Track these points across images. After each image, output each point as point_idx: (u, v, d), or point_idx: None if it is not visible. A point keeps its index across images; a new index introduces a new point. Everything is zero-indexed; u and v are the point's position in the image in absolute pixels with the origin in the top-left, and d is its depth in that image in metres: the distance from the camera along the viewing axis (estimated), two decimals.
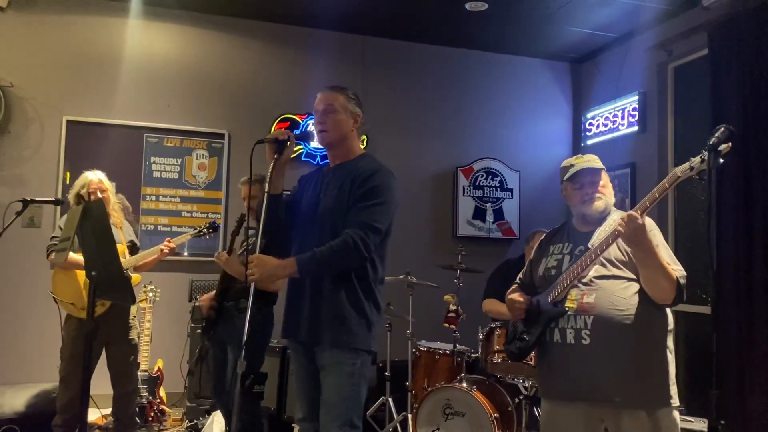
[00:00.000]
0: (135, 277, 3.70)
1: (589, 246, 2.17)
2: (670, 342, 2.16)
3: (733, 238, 3.95)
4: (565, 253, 2.29)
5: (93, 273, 2.20)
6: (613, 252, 2.14)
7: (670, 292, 2.04)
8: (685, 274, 2.06)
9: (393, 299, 4.08)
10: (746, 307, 3.89)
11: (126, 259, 3.60)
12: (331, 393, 2.25)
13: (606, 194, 2.28)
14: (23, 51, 4.76)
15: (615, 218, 2.21)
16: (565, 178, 2.35)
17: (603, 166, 2.30)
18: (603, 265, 2.15)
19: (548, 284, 2.27)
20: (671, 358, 2.15)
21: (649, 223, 2.18)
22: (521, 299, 2.34)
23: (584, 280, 2.16)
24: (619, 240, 2.11)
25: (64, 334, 3.60)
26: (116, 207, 3.79)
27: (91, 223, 2.15)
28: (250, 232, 3.38)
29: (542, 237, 4.04)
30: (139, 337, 4.24)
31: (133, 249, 3.83)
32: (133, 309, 3.81)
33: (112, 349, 3.67)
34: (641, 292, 2.11)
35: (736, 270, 3.93)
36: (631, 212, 1.96)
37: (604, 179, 2.30)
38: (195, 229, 3.77)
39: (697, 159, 1.82)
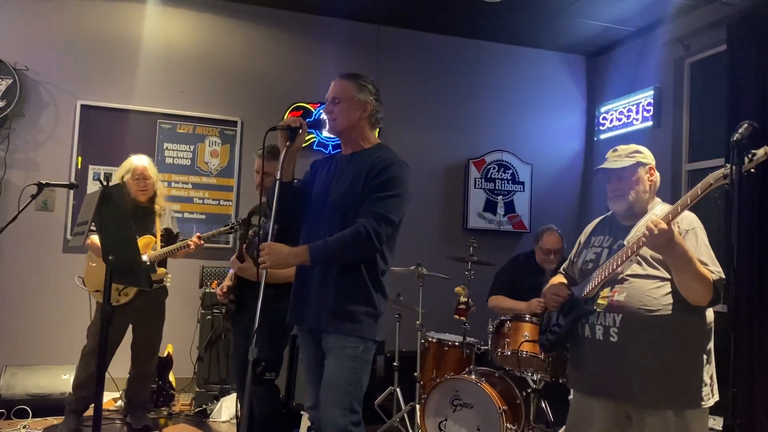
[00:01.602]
0: (160, 271, 3.71)
1: (625, 243, 2.15)
2: (709, 344, 2.12)
3: (747, 238, 3.93)
4: (604, 246, 2.27)
5: (110, 257, 2.21)
6: (651, 250, 2.08)
7: (704, 295, 1.99)
8: (723, 276, 2.01)
9: (403, 290, 4.09)
10: (758, 307, 3.88)
11: (152, 252, 3.63)
12: (332, 375, 2.26)
13: (635, 191, 2.20)
14: (39, 35, 4.76)
15: (657, 212, 2.16)
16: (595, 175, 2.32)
17: (636, 160, 2.22)
18: (639, 263, 2.12)
19: (584, 277, 2.26)
20: (708, 359, 2.11)
21: (690, 220, 2.14)
22: (560, 292, 2.31)
23: (618, 278, 2.14)
24: None
25: (95, 315, 3.68)
26: (161, 195, 3.81)
27: (110, 208, 2.15)
28: (255, 218, 3.38)
29: (553, 237, 4.02)
30: None
31: (170, 237, 3.84)
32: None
33: (139, 330, 3.73)
34: (676, 292, 2.06)
35: (749, 270, 3.91)
36: (656, 221, 1.92)
37: (639, 174, 2.21)
38: (227, 225, 3.71)
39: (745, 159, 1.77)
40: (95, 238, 3.52)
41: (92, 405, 3.12)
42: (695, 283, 1.98)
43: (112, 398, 4.25)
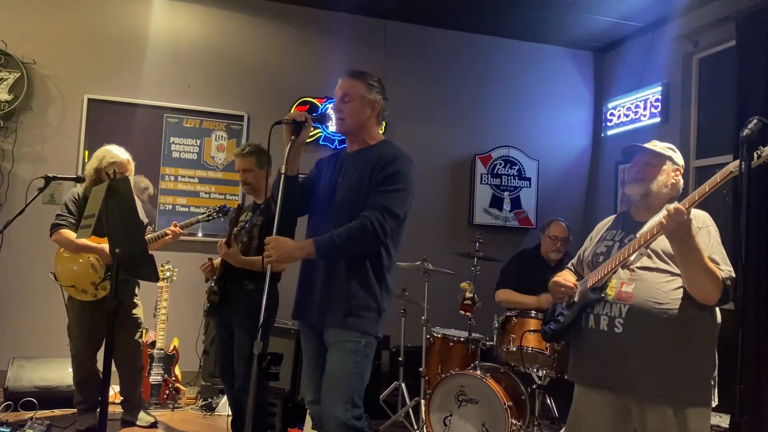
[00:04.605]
0: None
1: (637, 236, 2.14)
2: (715, 345, 2.11)
3: (755, 234, 3.90)
4: (616, 240, 2.26)
5: (117, 250, 2.21)
6: (662, 244, 2.08)
7: (712, 293, 1.97)
8: (733, 275, 1.98)
9: (409, 285, 4.09)
10: (765, 304, 3.86)
11: None
12: (333, 370, 2.27)
13: (656, 181, 2.19)
14: (46, 29, 4.77)
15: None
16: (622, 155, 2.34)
17: (669, 154, 2.23)
18: (649, 256, 2.10)
19: (594, 269, 2.26)
20: (713, 360, 2.09)
21: (703, 218, 2.13)
22: (567, 284, 2.31)
23: (627, 269, 2.13)
24: None
25: (68, 313, 3.64)
26: (135, 186, 3.81)
27: (117, 201, 2.16)
28: (245, 214, 3.39)
29: (561, 226, 4.05)
30: (155, 316, 4.30)
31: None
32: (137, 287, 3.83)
33: (116, 327, 3.66)
34: (686, 288, 2.05)
35: (756, 266, 3.89)
36: (678, 206, 1.89)
37: (666, 167, 2.21)
38: (204, 213, 3.74)
39: (753, 155, 1.74)
40: (66, 232, 3.51)
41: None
42: (704, 279, 1.96)
43: (117, 391, 4.26)
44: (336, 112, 2.40)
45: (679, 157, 2.27)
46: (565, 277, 2.39)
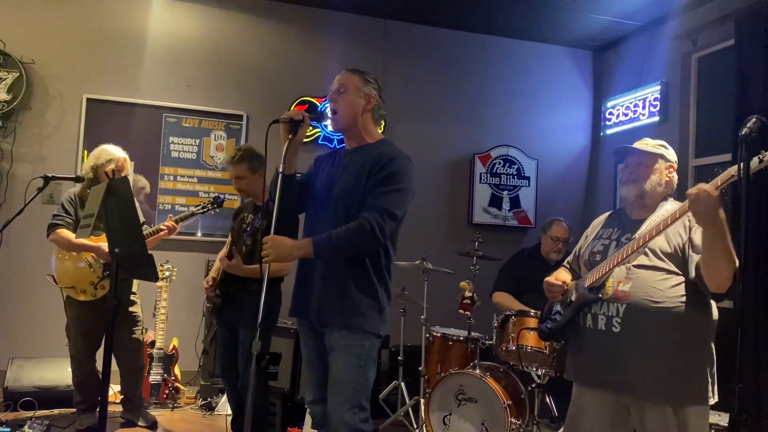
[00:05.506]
0: None
1: (635, 236, 2.13)
2: (712, 342, 2.11)
3: (754, 234, 3.91)
4: (612, 239, 2.25)
5: (116, 250, 2.21)
6: (659, 243, 2.08)
7: (728, 278, 1.90)
8: (737, 264, 1.94)
9: (408, 284, 4.09)
10: (764, 302, 3.86)
11: None
12: (339, 374, 2.26)
13: (650, 180, 2.18)
14: (45, 28, 4.77)
15: (668, 208, 2.14)
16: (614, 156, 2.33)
17: (661, 152, 2.22)
18: (646, 254, 2.10)
19: (591, 268, 2.25)
20: (710, 357, 2.09)
21: None
22: (555, 282, 2.32)
23: (623, 268, 2.13)
24: (668, 231, 2.03)
25: (67, 313, 3.63)
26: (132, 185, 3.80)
27: (116, 201, 2.16)
28: (250, 216, 3.38)
29: (562, 226, 4.05)
30: (154, 316, 4.30)
31: None
32: (134, 285, 3.81)
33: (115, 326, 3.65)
34: (682, 286, 2.05)
35: (756, 266, 3.89)
36: (704, 187, 1.80)
37: (658, 166, 2.20)
38: (198, 205, 3.71)
39: (755, 159, 1.74)
40: (63, 232, 3.50)
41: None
42: (725, 264, 1.88)
43: (117, 391, 4.27)
44: (330, 103, 2.40)
45: (671, 154, 2.26)
46: (558, 276, 2.40)
